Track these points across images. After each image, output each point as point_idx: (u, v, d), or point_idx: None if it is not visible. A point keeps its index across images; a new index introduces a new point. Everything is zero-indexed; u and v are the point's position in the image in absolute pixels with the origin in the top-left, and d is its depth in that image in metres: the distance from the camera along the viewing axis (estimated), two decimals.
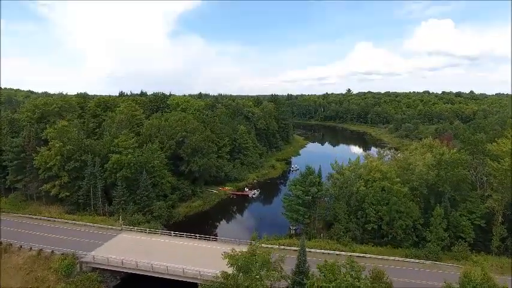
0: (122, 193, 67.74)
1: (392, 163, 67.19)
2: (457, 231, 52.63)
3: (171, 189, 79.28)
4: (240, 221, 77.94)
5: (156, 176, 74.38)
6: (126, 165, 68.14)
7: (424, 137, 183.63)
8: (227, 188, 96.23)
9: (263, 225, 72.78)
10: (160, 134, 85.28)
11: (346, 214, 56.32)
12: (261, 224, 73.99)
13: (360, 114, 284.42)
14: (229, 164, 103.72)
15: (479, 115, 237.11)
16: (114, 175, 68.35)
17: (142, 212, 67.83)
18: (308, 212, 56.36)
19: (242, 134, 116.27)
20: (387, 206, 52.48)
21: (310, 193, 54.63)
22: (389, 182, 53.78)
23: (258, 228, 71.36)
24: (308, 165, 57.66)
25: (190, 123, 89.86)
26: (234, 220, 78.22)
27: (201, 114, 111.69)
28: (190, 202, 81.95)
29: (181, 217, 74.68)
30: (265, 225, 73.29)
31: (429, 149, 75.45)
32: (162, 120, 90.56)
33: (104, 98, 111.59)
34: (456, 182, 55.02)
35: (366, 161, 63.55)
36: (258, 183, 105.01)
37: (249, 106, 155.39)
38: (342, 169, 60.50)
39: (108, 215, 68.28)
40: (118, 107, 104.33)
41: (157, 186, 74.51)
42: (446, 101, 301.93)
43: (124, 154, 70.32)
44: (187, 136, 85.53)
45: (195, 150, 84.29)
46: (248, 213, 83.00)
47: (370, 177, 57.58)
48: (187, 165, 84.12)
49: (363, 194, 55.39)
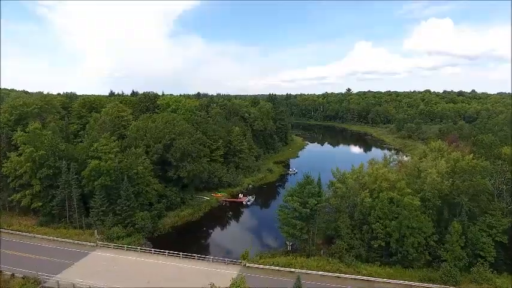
0: (100, 203, 61.17)
1: (400, 169, 60.64)
2: (476, 249, 46.14)
3: (157, 197, 72.75)
4: (232, 232, 71.28)
5: (140, 183, 67.79)
6: (105, 172, 61.54)
7: (427, 138, 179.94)
8: (220, 194, 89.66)
9: (258, 237, 66.42)
10: (147, 137, 78.70)
11: (349, 229, 49.86)
12: (256, 234, 67.57)
13: (361, 114, 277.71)
14: (222, 168, 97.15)
15: (482, 115, 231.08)
16: (92, 183, 61.76)
17: (123, 223, 61.28)
18: (306, 226, 49.83)
19: (237, 136, 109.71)
20: (397, 220, 46.01)
21: (308, 205, 48.10)
22: (398, 193, 47.26)
23: (252, 239, 65.23)
24: (306, 174, 51.08)
25: (180, 125, 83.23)
26: (226, 231, 71.51)
27: (193, 115, 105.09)
28: (178, 211, 75.33)
29: (168, 228, 68.05)
30: (260, 236, 66.91)
31: (439, 153, 69.11)
32: (148, 121, 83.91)
33: (89, 97, 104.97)
34: (474, 192, 48.54)
35: (370, 168, 56.99)
36: (253, 189, 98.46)
37: (245, 106, 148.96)
38: (344, 177, 53.95)
39: (86, 227, 61.74)
40: (105, 107, 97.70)
41: (141, 195, 67.90)
42: (448, 100, 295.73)
43: (104, 160, 63.77)
44: (176, 139, 78.92)
45: (184, 155, 77.68)
46: (242, 222, 76.36)
47: (376, 186, 51.09)
48: (176, 171, 77.51)
49: (369, 206, 48.89)
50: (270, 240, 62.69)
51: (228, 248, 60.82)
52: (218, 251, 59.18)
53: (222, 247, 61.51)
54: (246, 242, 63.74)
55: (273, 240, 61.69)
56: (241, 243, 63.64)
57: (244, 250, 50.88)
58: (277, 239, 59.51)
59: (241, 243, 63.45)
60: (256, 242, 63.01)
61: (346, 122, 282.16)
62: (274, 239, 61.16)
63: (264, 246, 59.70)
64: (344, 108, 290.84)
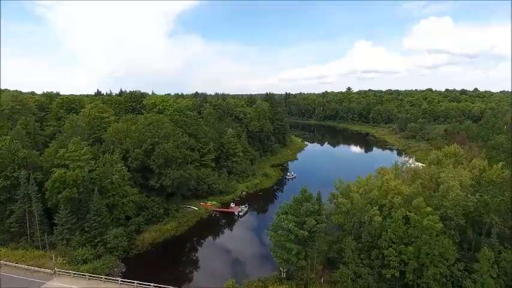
0: (65, 219, 52.85)
1: (413, 178, 52.21)
2: (510, 279, 37.88)
3: (136, 209, 64.53)
4: (219, 250, 62.40)
5: (116, 194, 59.56)
6: (71, 183, 53.19)
7: (431, 138, 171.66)
8: (210, 203, 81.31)
9: (248, 257, 58.11)
10: (127, 140, 70.33)
11: (355, 253, 41.55)
12: (246, 254, 59.34)
13: (361, 113, 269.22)
14: (213, 174, 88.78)
15: (488, 114, 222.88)
16: (56, 196, 53.40)
17: (93, 243, 52.98)
18: (303, 251, 41.46)
19: (230, 138, 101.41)
20: (414, 245, 37.75)
21: (306, 226, 39.79)
22: (415, 211, 38.92)
23: (243, 260, 56.97)
24: (303, 187, 42.64)
25: (164, 127, 74.78)
26: (212, 249, 62.52)
27: (182, 115, 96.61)
28: (161, 224, 66.94)
29: (147, 245, 59.64)
30: (251, 256, 58.52)
31: (455, 158, 60.81)
32: (129, 123, 75.50)
33: (68, 97, 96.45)
34: (506, 210, 40.27)
35: (379, 178, 48.57)
36: (247, 196, 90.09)
37: (240, 106, 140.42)
38: (349, 190, 45.56)
39: (50, 247, 53.43)
40: (85, 108, 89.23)
41: (116, 208, 59.68)
42: (451, 99, 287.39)
43: (71, 168, 55.48)
44: (160, 143, 70.55)
45: (168, 161, 69.35)
46: (231, 238, 67.65)
47: (387, 201, 42.76)
48: (158, 179, 69.17)
49: (379, 226, 40.56)
50: (264, 260, 54.25)
51: (213, 271, 52.54)
52: (201, 275, 51.02)
53: (206, 270, 53.15)
54: (234, 263, 55.70)
55: (265, 261, 53.22)
56: (230, 263, 55.59)
57: (228, 278, 42.65)
58: (270, 261, 51.00)
59: (230, 264, 55.44)
60: (245, 264, 54.82)
61: (347, 121, 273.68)
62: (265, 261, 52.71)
63: (254, 269, 51.20)
64: (344, 107, 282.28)
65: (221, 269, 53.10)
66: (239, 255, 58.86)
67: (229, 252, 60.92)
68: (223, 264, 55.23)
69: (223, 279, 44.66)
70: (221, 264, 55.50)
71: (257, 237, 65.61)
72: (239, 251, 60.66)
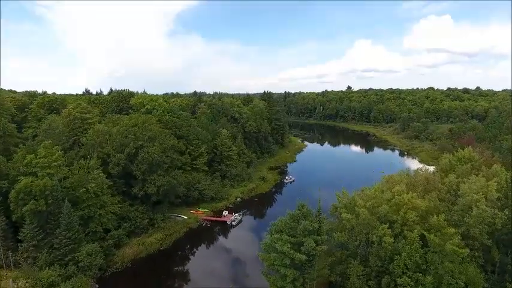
0: (31, 235, 46.59)
1: (426, 188, 45.95)
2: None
3: (117, 220, 58.31)
4: (209, 266, 55.35)
5: (92, 205, 53.28)
6: (38, 194, 46.94)
7: (436, 138, 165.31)
8: (201, 211, 75.08)
9: (242, 274, 51.96)
10: (108, 144, 64.05)
11: (362, 280, 35.32)
12: (239, 272, 53.15)
13: (362, 113, 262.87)
14: (206, 179, 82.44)
15: (492, 113, 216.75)
16: (21, 209, 47.12)
17: (63, 262, 46.78)
18: (301, 276, 35.18)
19: (224, 140, 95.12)
20: (433, 273, 31.48)
21: (304, 249, 33.55)
22: (435, 232, 32.65)
23: (235, 279, 50.71)
24: (301, 202, 36.30)
25: (150, 129, 68.50)
26: (202, 265, 55.78)
27: (173, 116, 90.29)
28: (145, 236, 60.81)
29: (128, 261, 53.52)
30: (246, 274, 52.26)
31: (470, 164, 54.44)
32: (111, 125, 69.19)
33: (49, 96, 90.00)
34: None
35: (387, 187, 42.25)
36: (242, 203, 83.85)
37: (236, 105, 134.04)
38: (354, 203, 39.23)
39: (14, 266, 47.24)
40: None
41: (92, 220, 53.40)
42: (453, 98, 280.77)
43: (40, 177, 49.20)
44: (144, 146, 64.29)
45: (153, 166, 63.14)
46: (224, 252, 61.09)
47: (398, 218, 36.48)
48: (142, 187, 62.93)
49: (391, 248, 34.30)
50: (256, 282, 47.90)
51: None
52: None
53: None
54: (225, 283, 49.26)
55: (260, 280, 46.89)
56: (220, 285, 49.16)
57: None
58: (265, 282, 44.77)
59: (220, 286, 49.02)
60: (238, 284, 48.55)
61: (347, 121, 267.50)
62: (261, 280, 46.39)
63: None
64: (345, 106, 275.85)
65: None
66: (231, 273, 52.63)
67: (221, 269, 54.43)
68: (214, 283, 48.88)
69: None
70: (211, 283, 49.14)
71: (252, 251, 58.89)
72: (231, 268, 54.47)
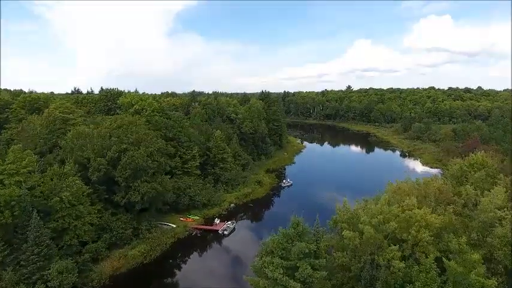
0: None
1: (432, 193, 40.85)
2: None
3: (96, 231, 53.23)
4: (197, 284, 50.64)
5: (66, 215, 48.19)
6: (3, 204, 41.90)
7: (439, 139, 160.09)
8: (191, 218, 70.08)
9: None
10: (88, 147, 58.90)
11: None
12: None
13: (362, 113, 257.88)
14: (197, 184, 77.33)
15: (495, 113, 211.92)
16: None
17: (30, 280, 41.73)
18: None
19: (218, 142, 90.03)
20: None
21: (299, 275, 28.49)
22: (455, 258, 27.63)
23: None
24: (295, 218, 31.16)
25: (136, 131, 63.38)
26: (188, 282, 50.90)
27: (163, 116, 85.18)
28: (128, 248, 55.74)
29: (106, 278, 48.47)
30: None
31: (484, 171, 49.39)
32: (94, 127, 64.08)
33: (32, 96, 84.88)
34: None
35: (395, 199, 37.20)
36: (236, 209, 78.84)
37: (233, 105, 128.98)
38: (357, 219, 34.18)
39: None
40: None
41: (67, 233, 48.32)
42: (455, 98, 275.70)
43: (7, 185, 44.16)
44: (128, 150, 59.19)
45: (137, 171, 58.04)
46: (214, 265, 55.81)
47: (409, 237, 31.46)
48: (125, 194, 57.82)
49: (401, 275, 29.24)
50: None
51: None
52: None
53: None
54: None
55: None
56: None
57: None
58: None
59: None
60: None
61: (347, 121, 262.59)
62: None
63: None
64: (345, 106, 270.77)
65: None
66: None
67: (212, 282, 49.37)
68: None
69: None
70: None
71: (245, 265, 54.01)
72: (221, 285, 49.23)
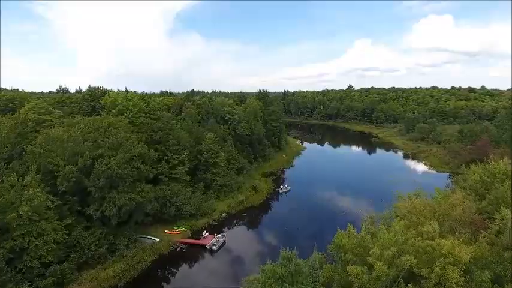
0: None
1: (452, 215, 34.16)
2: None
3: (64, 249, 46.69)
4: None
5: (26, 233, 41.69)
6: None
7: (444, 141, 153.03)
8: (178, 230, 63.54)
9: None
10: (57, 153, 52.29)
11: None
12: None
13: (364, 113, 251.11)
14: (186, 191, 70.71)
15: (502, 113, 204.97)
16: None
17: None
18: None
19: (210, 145, 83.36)
20: None
21: None
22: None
23: None
24: (284, 252, 24.55)
25: (114, 134, 56.80)
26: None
27: (150, 117, 78.63)
28: (101, 268, 49.15)
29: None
30: None
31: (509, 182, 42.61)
32: (66, 129, 57.46)
33: (5, 95, 78.18)
34: None
35: (410, 223, 30.50)
36: (228, 218, 72.27)
37: (228, 105, 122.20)
38: (367, 252, 27.47)
39: None
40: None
41: (26, 253, 41.79)
42: (459, 97, 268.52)
43: None
44: (104, 156, 52.61)
45: (112, 180, 51.44)
46: None
47: (433, 275, 24.80)
48: (99, 207, 51.20)
49: None
50: None
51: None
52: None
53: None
54: None
55: None
56: None
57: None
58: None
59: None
60: None
61: (348, 121, 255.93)
62: None
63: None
64: (346, 106, 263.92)
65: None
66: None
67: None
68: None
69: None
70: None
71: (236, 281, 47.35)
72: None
